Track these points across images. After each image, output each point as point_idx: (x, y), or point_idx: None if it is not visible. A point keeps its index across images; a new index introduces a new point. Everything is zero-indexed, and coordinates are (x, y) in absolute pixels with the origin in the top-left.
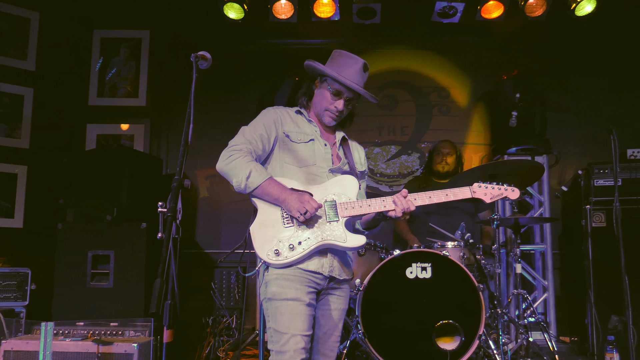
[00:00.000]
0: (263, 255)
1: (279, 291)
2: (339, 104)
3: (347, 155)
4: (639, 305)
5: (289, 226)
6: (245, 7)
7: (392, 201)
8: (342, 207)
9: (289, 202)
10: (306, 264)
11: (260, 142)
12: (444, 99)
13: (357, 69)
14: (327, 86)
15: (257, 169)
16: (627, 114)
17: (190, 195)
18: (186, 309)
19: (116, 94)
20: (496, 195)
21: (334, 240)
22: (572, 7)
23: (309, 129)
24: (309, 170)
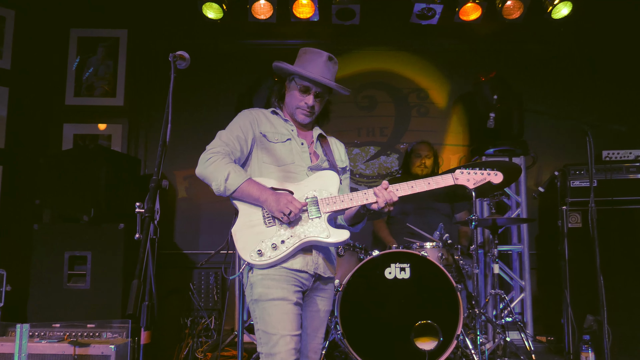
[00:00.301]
0: (246, 256)
1: (265, 292)
2: (308, 100)
3: (327, 152)
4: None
5: (271, 226)
6: (224, 7)
7: (373, 193)
8: (323, 202)
9: (270, 202)
10: (290, 262)
11: (238, 144)
12: (422, 100)
13: (322, 62)
14: (295, 84)
15: (235, 170)
16: (603, 115)
17: (169, 196)
18: (164, 310)
19: (93, 94)
20: (479, 180)
21: (316, 237)
22: (549, 10)
23: (285, 128)
24: (287, 169)
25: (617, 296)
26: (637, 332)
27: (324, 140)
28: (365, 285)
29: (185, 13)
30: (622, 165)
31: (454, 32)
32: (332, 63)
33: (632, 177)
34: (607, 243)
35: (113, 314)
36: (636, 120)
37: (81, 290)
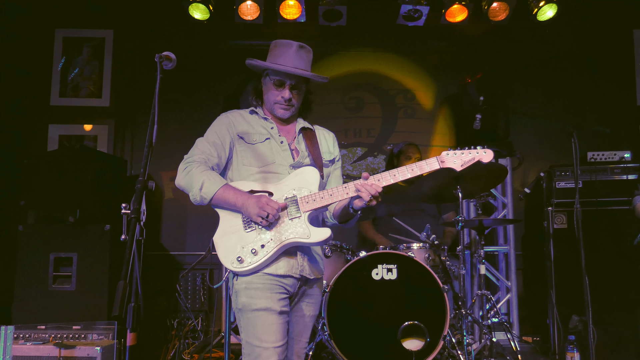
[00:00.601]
0: (227, 264)
1: (249, 302)
2: (284, 94)
3: (310, 146)
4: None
5: (251, 230)
6: (210, 7)
7: (354, 187)
8: (303, 201)
9: (247, 207)
10: (274, 267)
11: (214, 150)
12: (409, 101)
13: (292, 52)
14: (269, 80)
15: (210, 178)
16: (588, 117)
17: (155, 197)
18: (151, 312)
19: (79, 94)
20: (468, 161)
21: (297, 238)
22: (534, 12)
23: (264, 127)
24: (268, 169)
25: (602, 296)
26: (622, 331)
27: (308, 133)
28: (353, 286)
29: (172, 14)
30: (606, 166)
31: (441, 34)
32: (304, 51)
33: (617, 178)
34: (592, 244)
35: (99, 316)
36: (620, 122)
37: (67, 292)
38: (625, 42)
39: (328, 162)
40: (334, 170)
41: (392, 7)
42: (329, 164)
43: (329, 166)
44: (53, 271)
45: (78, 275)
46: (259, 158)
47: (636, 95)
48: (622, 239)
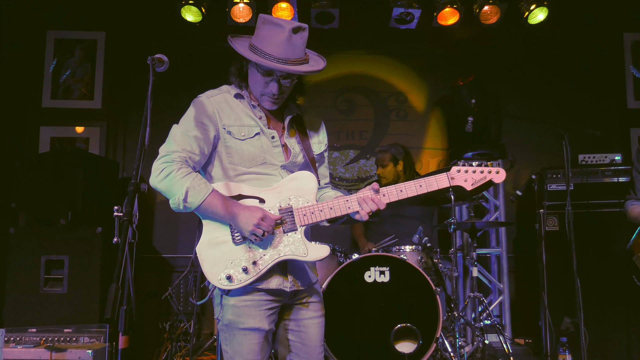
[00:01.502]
0: (214, 281)
1: (236, 320)
2: (273, 87)
3: (303, 141)
4: (591, 307)
5: (240, 243)
6: (203, 10)
7: (357, 203)
8: (299, 213)
9: (238, 220)
10: (266, 283)
11: (197, 146)
12: (401, 103)
13: (283, 39)
14: (255, 67)
15: (194, 185)
16: (579, 120)
17: (148, 199)
18: (143, 315)
19: (71, 96)
20: (479, 180)
21: (293, 255)
22: (525, 16)
23: (252, 118)
24: (258, 170)
25: (593, 298)
26: (613, 333)
27: (297, 123)
28: (345, 289)
29: (164, 16)
30: (597, 169)
31: (433, 37)
32: (298, 37)
33: (608, 180)
34: (583, 246)
35: (91, 319)
36: (611, 124)
37: (58, 295)
38: (615, 45)
39: (318, 155)
40: (322, 161)
41: (384, 10)
42: (319, 157)
43: (319, 160)
44: (44, 274)
45: (69, 278)
46: (248, 157)
47: (627, 97)
48: (613, 241)
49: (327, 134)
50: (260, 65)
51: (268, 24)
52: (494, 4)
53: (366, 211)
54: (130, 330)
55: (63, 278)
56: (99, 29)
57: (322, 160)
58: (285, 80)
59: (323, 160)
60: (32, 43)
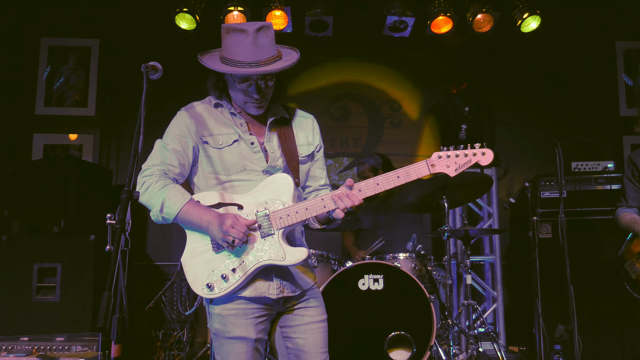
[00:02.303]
0: (197, 290)
1: (223, 329)
2: (254, 93)
3: (285, 142)
4: (584, 315)
5: (220, 251)
6: (197, 17)
7: (332, 201)
8: (275, 216)
9: (212, 228)
10: (250, 290)
11: (175, 158)
12: (395, 111)
13: (249, 43)
14: (231, 77)
15: (170, 196)
16: (571, 127)
17: (141, 207)
18: (136, 323)
19: (64, 103)
20: (463, 164)
21: (271, 260)
22: (518, 24)
23: (232, 125)
24: (238, 177)
25: (587, 305)
26: (607, 341)
27: (281, 125)
28: (339, 297)
29: (158, 23)
30: (590, 176)
31: (426, 45)
32: (263, 34)
33: (600, 188)
34: (577, 253)
35: (83, 327)
36: (604, 132)
37: (50, 303)
38: (608, 54)
39: (306, 157)
40: (316, 161)
41: (378, 18)
42: (307, 159)
43: (307, 162)
44: (37, 282)
45: (62, 286)
46: (226, 164)
47: (619, 105)
48: (606, 248)
49: (321, 135)
50: (235, 75)
51: (232, 32)
52: (487, 12)
53: (341, 208)
54: (123, 338)
55: (55, 286)
56: (93, 36)
57: (312, 161)
58: (262, 81)
59: (314, 161)
60: (26, 50)
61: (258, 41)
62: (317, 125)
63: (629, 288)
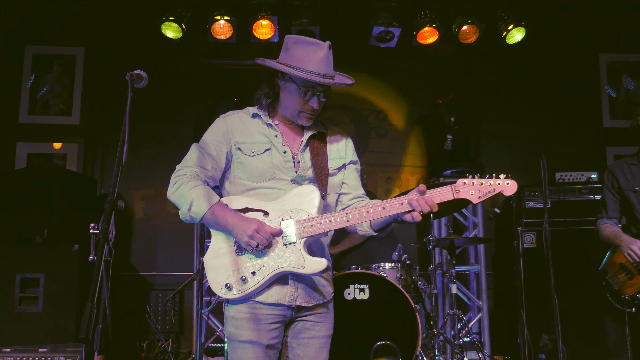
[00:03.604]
0: (216, 289)
1: (235, 332)
2: (314, 104)
3: (317, 155)
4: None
5: (242, 254)
6: (183, 26)
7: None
8: (299, 225)
9: (237, 231)
10: (265, 295)
11: (209, 161)
12: (381, 121)
13: (323, 56)
14: (294, 85)
15: (200, 196)
16: (556, 138)
17: (126, 216)
18: (120, 333)
19: (48, 112)
20: (487, 192)
21: (290, 267)
22: (503, 35)
23: (266, 135)
24: (267, 185)
25: (571, 315)
26: (591, 350)
27: (316, 140)
28: None
29: (144, 32)
30: (574, 186)
31: (412, 55)
32: (331, 53)
33: (584, 198)
34: (561, 263)
35: (67, 338)
36: (587, 143)
37: (33, 314)
38: (591, 65)
39: (336, 169)
40: (349, 173)
41: (365, 29)
42: (337, 172)
43: (336, 175)
44: (19, 292)
45: (45, 297)
46: (257, 172)
47: (602, 116)
48: (590, 258)
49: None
50: (305, 83)
51: (302, 43)
52: (473, 23)
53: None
54: (106, 349)
55: (38, 296)
56: (78, 44)
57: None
58: (322, 95)
59: (345, 172)
60: (10, 58)
61: (329, 57)
62: (351, 142)
63: (611, 299)
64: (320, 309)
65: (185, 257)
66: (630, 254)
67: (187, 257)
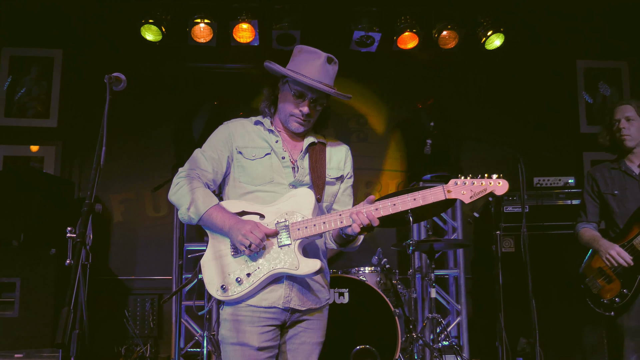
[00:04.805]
0: (212, 291)
1: (228, 334)
2: (303, 108)
3: (316, 162)
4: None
5: (238, 256)
6: (163, 29)
7: (349, 216)
8: (294, 227)
9: (232, 232)
10: (259, 298)
11: (210, 165)
12: (362, 125)
13: (319, 64)
14: (288, 88)
15: (200, 197)
16: (534, 143)
17: (104, 220)
18: (98, 338)
19: (26, 114)
20: (479, 191)
21: (285, 269)
22: (483, 41)
23: (266, 140)
24: (265, 189)
25: (549, 319)
26: (568, 353)
27: (315, 148)
28: None
29: (124, 34)
30: (552, 191)
31: (393, 60)
32: (331, 66)
33: (562, 203)
34: (539, 267)
35: (43, 343)
36: (565, 148)
37: (9, 319)
38: (569, 72)
39: (334, 179)
40: (344, 188)
41: (345, 33)
42: (335, 182)
43: (335, 184)
44: None
45: (21, 301)
46: (256, 176)
47: (580, 122)
48: (567, 262)
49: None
50: (297, 82)
51: (305, 52)
52: (452, 29)
53: (357, 223)
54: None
55: (14, 301)
56: (56, 46)
57: (339, 185)
58: (314, 103)
59: (344, 187)
60: None
61: (326, 67)
62: (350, 155)
63: (590, 303)
64: (315, 314)
65: (164, 262)
66: (609, 259)
67: (166, 261)
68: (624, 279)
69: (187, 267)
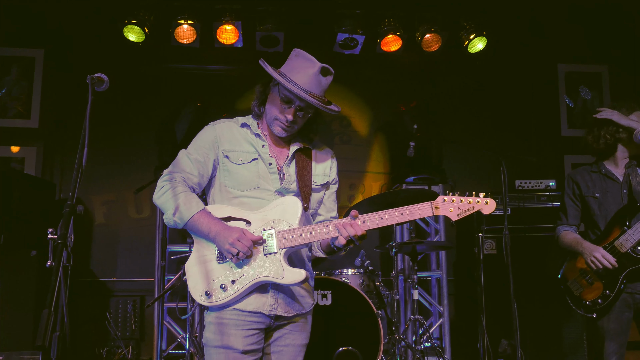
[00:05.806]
0: (196, 297)
1: (212, 337)
2: (288, 114)
3: (302, 169)
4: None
5: (223, 262)
6: (146, 30)
7: (335, 228)
8: (281, 236)
9: (219, 238)
10: (244, 303)
11: (196, 168)
12: (345, 128)
13: (312, 73)
14: (277, 91)
15: (185, 202)
16: (516, 146)
17: (85, 222)
18: (79, 340)
19: (6, 115)
20: (466, 209)
21: (270, 277)
22: (465, 44)
23: (253, 145)
24: (251, 194)
25: (530, 320)
26: (549, 355)
27: (302, 155)
28: None
29: (106, 35)
30: (533, 194)
31: (376, 62)
32: (324, 77)
33: (543, 205)
34: (520, 269)
35: (24, 345)
36: (546, 151)
37: None
38: (550, 75)
39: (320, 186)
40: (329, 195)
41: (329, 35)
42: (321, 189)
43: (320, 191)
44: None
45: (1, 303)
46: (242, 181)
47: (560, 125)
48: (548, 264)
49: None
50: (285, 88)
51: (300, 58)
52: (436, 32)
53: (344, 236)
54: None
55: None
56: (37, 46)
57: (324, 192)
58: (300, 112)
59: (328, 192)
60: None
61: (319, 77)
62: (335, 161)
63: (571, 303)
64: (300, 319)
65: (146, 263)
66: (594, 261)
67: (148, 263)
68: (607, 280)
69: (169, 268)
